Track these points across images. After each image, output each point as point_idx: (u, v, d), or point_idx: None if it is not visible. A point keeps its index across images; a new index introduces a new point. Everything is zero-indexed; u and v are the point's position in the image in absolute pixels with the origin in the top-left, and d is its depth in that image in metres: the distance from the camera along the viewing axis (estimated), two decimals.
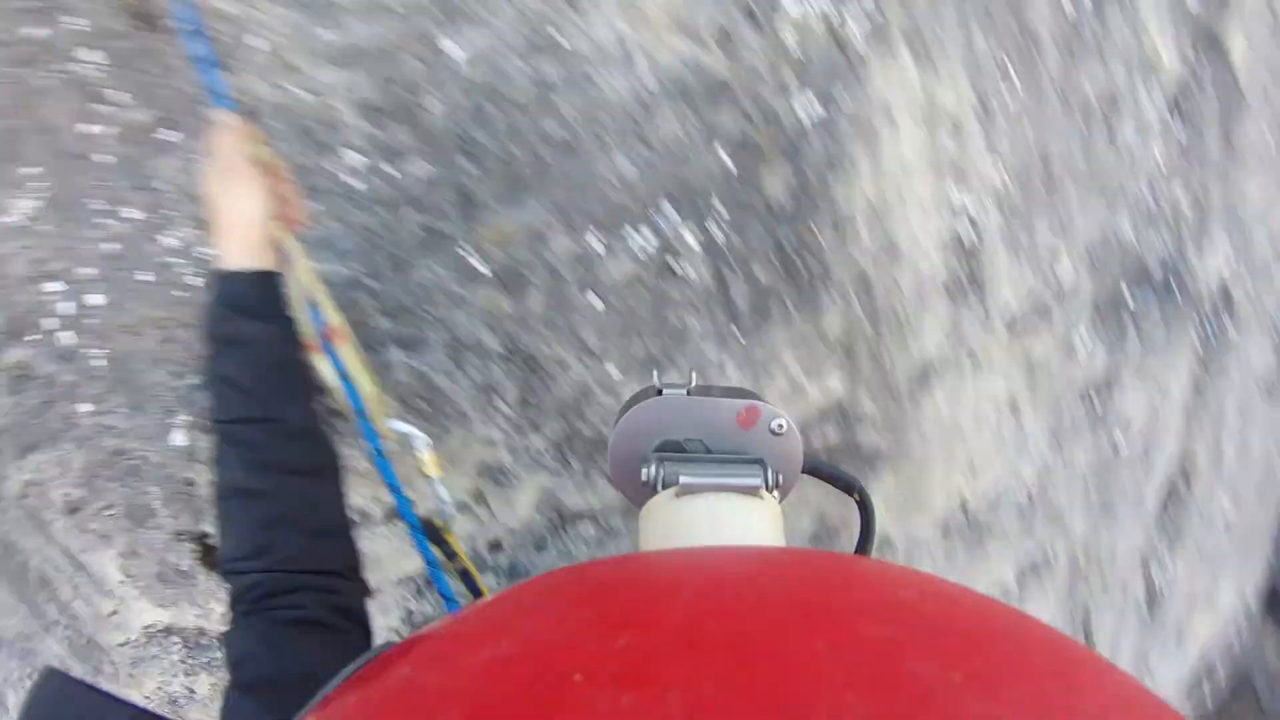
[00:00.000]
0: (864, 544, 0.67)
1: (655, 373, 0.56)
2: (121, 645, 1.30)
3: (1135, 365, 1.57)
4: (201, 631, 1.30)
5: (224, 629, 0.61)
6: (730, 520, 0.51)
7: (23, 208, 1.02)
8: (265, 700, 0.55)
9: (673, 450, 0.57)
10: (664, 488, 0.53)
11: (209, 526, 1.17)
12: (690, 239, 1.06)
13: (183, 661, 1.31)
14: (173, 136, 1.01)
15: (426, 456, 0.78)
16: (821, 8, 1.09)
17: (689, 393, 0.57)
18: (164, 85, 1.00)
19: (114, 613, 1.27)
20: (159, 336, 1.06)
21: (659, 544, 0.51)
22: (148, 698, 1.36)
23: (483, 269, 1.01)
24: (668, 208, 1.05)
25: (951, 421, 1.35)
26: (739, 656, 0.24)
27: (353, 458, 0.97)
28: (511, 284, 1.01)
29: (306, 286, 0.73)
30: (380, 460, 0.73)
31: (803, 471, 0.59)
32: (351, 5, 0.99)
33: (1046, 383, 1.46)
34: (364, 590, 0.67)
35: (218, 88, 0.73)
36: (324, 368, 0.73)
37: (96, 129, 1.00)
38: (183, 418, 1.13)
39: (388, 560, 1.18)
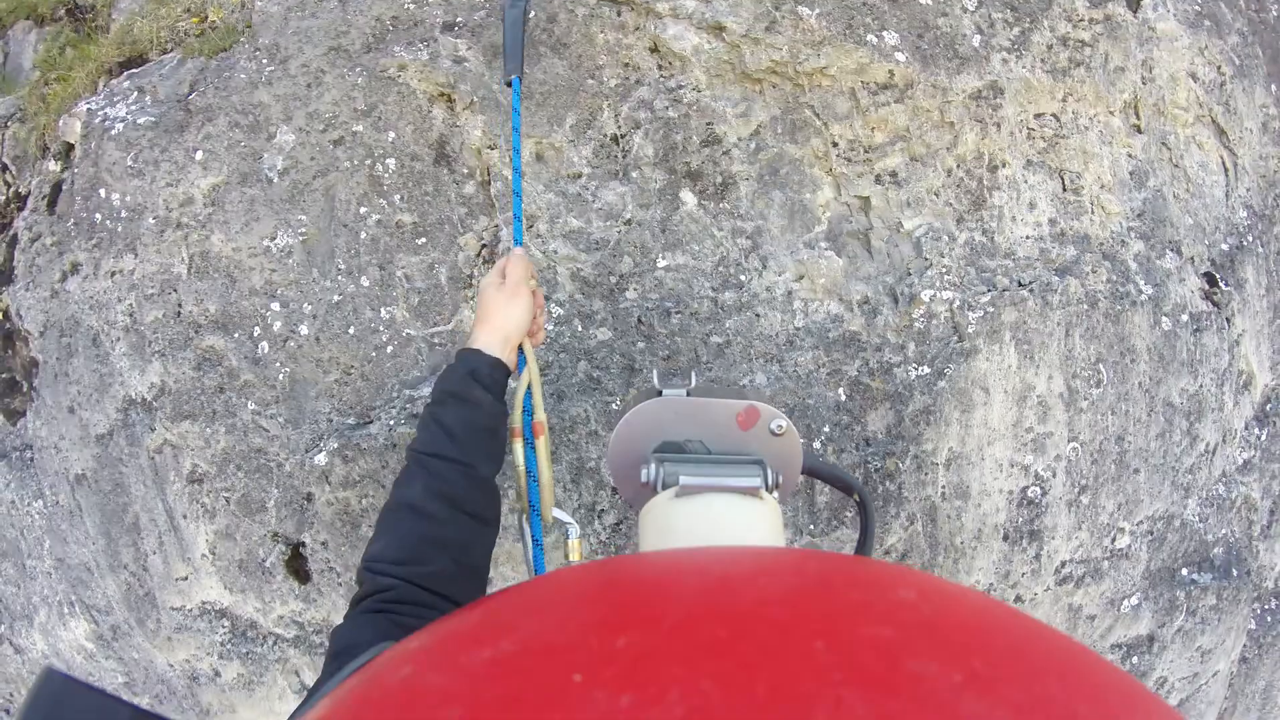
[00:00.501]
0: (863, 545, 0.70)
1: (655, 373, 0.69)
2: (175, 609, 1.48)
3: (1182, 632, 1.65)
4: (253, 624, 1.47)
5: (338, 623, 0.67)
6: (730, 520, 0.50)
7: (281, 241, 1.35)
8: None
9: (673, 451, 0.57)
10: (664, 488, 0.53)
11: (308, 538, 1.38)
12: None
13: (222, 644, 1.49)
14: (422, 241, 1.38)
15: (574, 543, 0.91)
16: (948, 296, 1.37)
17: (689, 393, 0.57)
18: (434, 205, 1.38)
19: (184, 578, 1.45)
20: (339, 377, 1.34)
21: (659, 544, 0.51)
22: (171, 665, 1.54)
23: None
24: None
25: None
26: (739, 656, 0.24)
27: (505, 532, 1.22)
28: None
29: (530, 385, 0.91)
30: (537, 549, 0.87)
31: (802, 472, 0.60)
32: (597, 206, 1.36)
33: (1086, 634, 1.58)
34: None
35: (519, 231, 1.02)
36: (517, 454, 0.89)
37: (367, 212, 1.36)
38: (330, 445, 1.32)
39: None
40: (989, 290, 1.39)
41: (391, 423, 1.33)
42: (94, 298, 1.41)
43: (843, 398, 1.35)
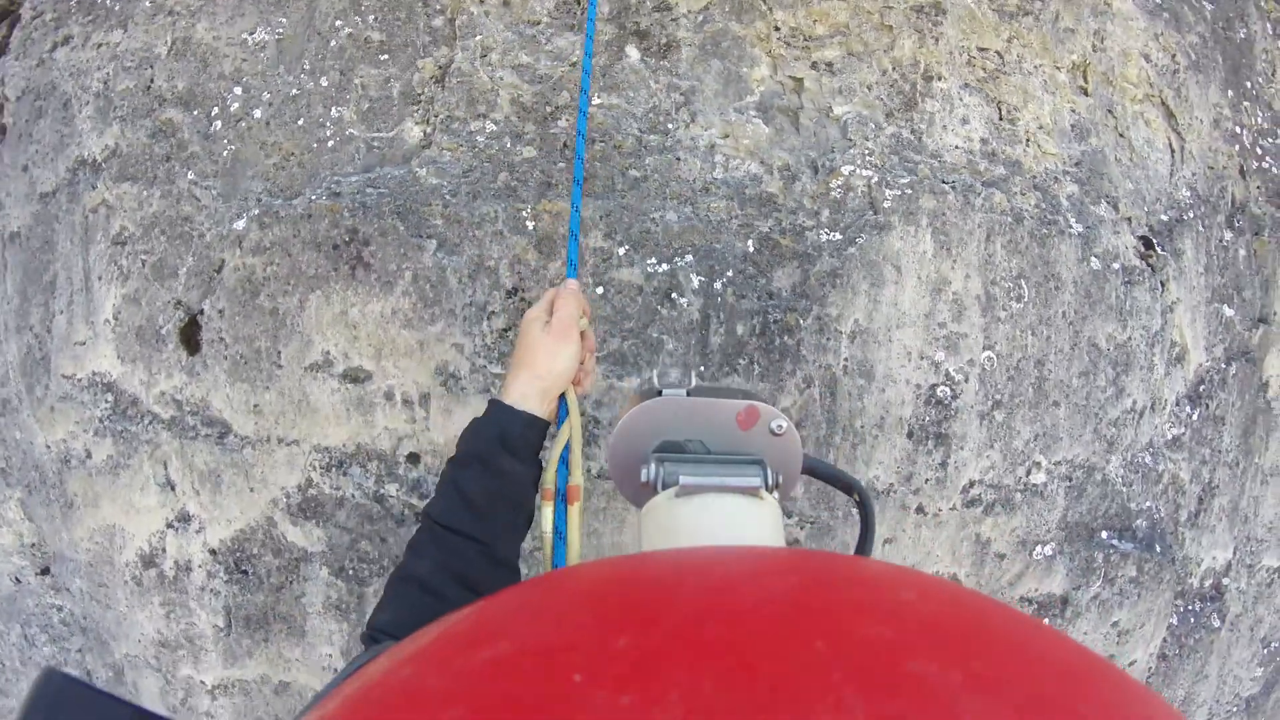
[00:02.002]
0: (864, 544, 0.69)
1: (655, 374, 0.70)
2: (66, 377, 1.48)
3: (1097, 603, 1.52)
4: (135, 401, 1.46)
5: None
6: (730, 520, 0.51)
7: (259, 36, 1.45)
8: None
9: (673, 450, 0.57)
10: (664, 488, 0.53)
11: (207, 305, 1.39)
12: (695, 281, 1.34)
13: (100, 420, 1.48)
14: (384, 58, 1.48)
15: None
16: (867, 174, 1.40)
17: (689, 393, 0.57)
18: (403, 29, 1.48)
19: (83, 343, 1.46)
20: (278, 161, 1.37)
21: (659, 544, 0.51)
22: (48, 446, 1.53)
23: (530, 225, 1.34)
24: (689, 256, 1.35)
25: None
26: (739, 657, 0.24)
27: None
28: (544, 246, 1.33)
29: (568, 443, 0.78)
30: None
31: (802, 472, 0.60)
32: (548, 49, 1.46)
33: (995, 574, 1.47)
34: None
35: (573, 255, 0.90)
36: (546, 517, 0.76)
37: (342, 25, 1.48)
38: (253, 213, 1.35)
39: None
40: (909, 175, 1.42)
41: (313, 197, 1.38)
42: (76, 65, 1.53)
43: (751, 249, 1.37)
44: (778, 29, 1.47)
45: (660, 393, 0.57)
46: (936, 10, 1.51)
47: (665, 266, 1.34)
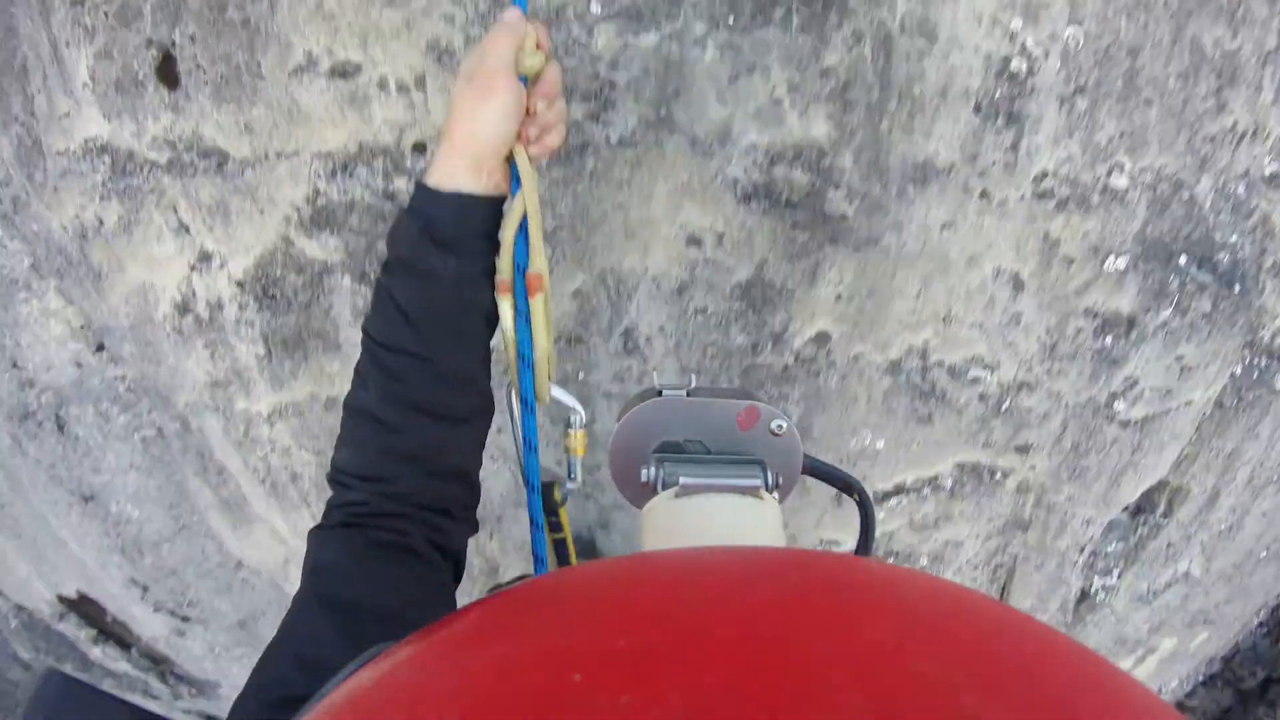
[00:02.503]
0: (864, 544, 0.69)
1: (655, 374, 0.64)
2: (60, 153, 1.44)
3: (1165, 331, 1.36)
4: (130, 155, 1.42)
5: (314, 525, 0.62)
6: (730, 520, 0.51)
7: None
8: (341, 622, 0.54)
9: (673, 451, 0.58)
10: (664, 488, 0.53)
11: (178, 35, 1.30)
12: None
13: (103, 184, 1.44)
14: None
15: (577, 434, 0.71)
16: None
17: (689, 394, 0.57)
18: None
19: (67, 114, 1.41)
20: None
21: (659, 544, 0.51)
22: (64, 226, 1.51)
23: None
24: None
25: (940, 247, 1.26)
26: (739, 657, 0.24)
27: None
28: None
29: (526, 219, 0.63)
30: (527, 416, 0.67)
31: (802, 472, 0.60)
32: None
33: (1061, 279, 1.32)
34: (471, 529, 0.66)
35: None
36: (506, 311, 0.64)
37: None
38: None
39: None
40: None
41: None
42: None
43: None
44: None
45: (660, 393, 0.57)
46: None
47: None
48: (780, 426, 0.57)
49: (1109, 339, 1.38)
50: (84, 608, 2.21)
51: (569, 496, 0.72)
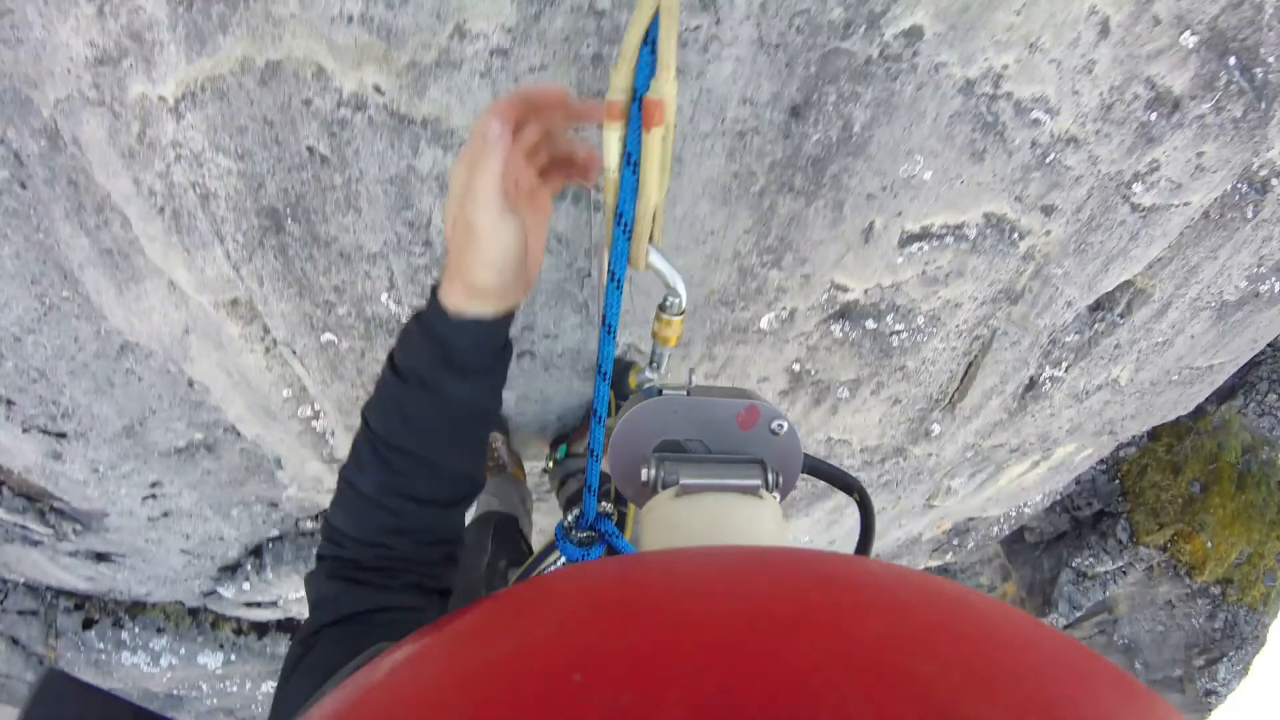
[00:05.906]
0: (864, 544, 0.69)
1: (657, 376, 0.61)
2: None
3: (1200, 123, 1.53)
4: None
5: (310, 570, 0.65)
6: (730, 520, 0.51)
7: None
8: (343, 635, 0.60)
9: (673, 450, 0.57)
10: (664, 488, 0.53)
11: None
12: None
13: None
14: None
15: (673, 321, 0.61)
16: None
17: (689, 393, 0.57)
18: None
19: None
20: None
21: (659, 544, 0.51)
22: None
23: None
24: None
25: None
26: (739, 657, 0.24)
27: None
28: None
29: (656, 21, 0.47)
30: (613, 291, 0.57)
31: (802, 471, 0.60)
32: None
33: (1142, 38, 1.25)
34: (452, 569, 0.69)
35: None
36: (612, 147, 0.51)
37: None
38: None
39: None
40: None
41: None
42: None
43: None
44: None
45: (660, 392, 0.57)
46: None
47: None
48: (780, 426, 0.56)
49: (1154, 114, 1.52)
50: None
51: (643, 383, 0.65)
